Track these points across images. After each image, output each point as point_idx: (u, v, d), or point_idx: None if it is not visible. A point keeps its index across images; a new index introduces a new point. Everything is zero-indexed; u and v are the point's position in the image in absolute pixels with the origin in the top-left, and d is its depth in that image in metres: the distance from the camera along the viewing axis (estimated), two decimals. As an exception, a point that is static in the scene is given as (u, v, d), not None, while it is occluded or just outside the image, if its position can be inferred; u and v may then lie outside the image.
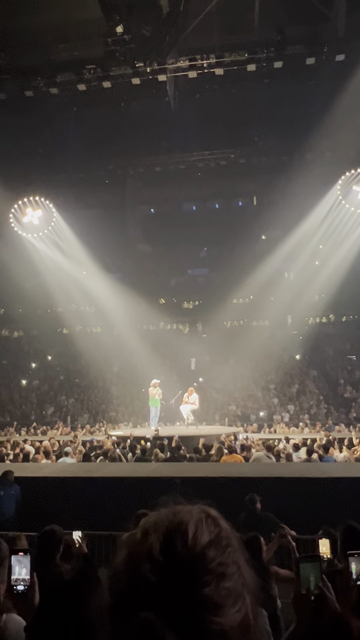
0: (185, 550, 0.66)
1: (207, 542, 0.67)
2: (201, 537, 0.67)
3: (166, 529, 0.68)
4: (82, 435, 16.78)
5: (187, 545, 0.66)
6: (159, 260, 30.41)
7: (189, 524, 0.68)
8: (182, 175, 25.95)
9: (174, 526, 0.68)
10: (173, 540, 0.67)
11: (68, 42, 18.77)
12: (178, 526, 0.68)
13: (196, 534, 0.67)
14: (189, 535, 0.67)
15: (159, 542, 0.66)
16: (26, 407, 26.08)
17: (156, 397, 16.39)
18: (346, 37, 17.53)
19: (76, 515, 5.24)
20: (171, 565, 0.64)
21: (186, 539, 0.67)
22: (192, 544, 0.66)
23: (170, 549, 0.66)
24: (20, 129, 21.35)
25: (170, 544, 0.66)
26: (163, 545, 0.66)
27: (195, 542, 0.67)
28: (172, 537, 0.67)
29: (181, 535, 0.67)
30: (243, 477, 7.63)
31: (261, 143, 24.10)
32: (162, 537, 0.67)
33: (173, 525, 0.69)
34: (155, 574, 0.63)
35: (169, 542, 0.66)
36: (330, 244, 25.12)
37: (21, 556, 1.89)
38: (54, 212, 24.80)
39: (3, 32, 16.79)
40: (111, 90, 19.30)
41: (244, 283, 25.37)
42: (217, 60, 18.04)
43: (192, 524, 0.69)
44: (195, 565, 0.65)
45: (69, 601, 1.54)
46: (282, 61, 18.04)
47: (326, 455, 10.53)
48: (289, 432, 17.11)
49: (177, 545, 0.66)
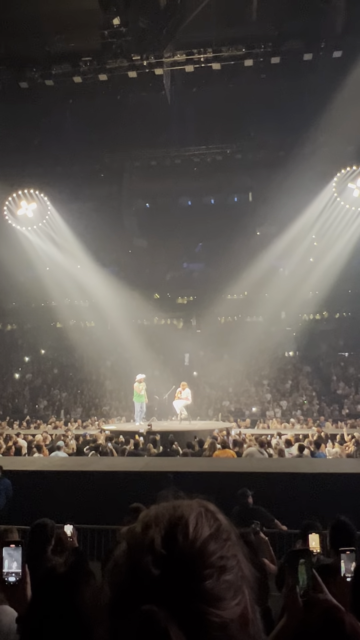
0: (187, 543, 0.66)
1: (208, 535, 0.68)
2: (202, 531, 0.68)
3: (167, 523, 0.68)
4: (75, 430, 16.77)
5: (188, 539, 0.66)
6: (154, 255, 30.34)
7: (190, 518, 0.69)
8: (178, 169, 25.86)
9: (175, 520, 0.69)
10: (174, 533, 0.67)
11: (64, 34, 18.54)
12: (179, 520, 0.69)
13: (197, 527, 0.68)
14: (190, 529, 0.67)
15: (161, 536, 0.66)
16: (19, 401, 26.01)
17: (141, 392, 16.00)
18: (344, 33, 17.47)
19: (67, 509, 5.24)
20: (173, 558, 0.64)
21: (187, 533, 0.67)
22: (193, 538, 0.67)
23: (172, 542, 0.66)
24: (14, 121, 21.12)
25: (172, 537, 0.66)
26: (164, 538, 0.66)
27: (196, 535, 0.67)
28: (173, 530, 0.67)
29: (182, 529, 0.67)
30: (235, 471, 7.66)
31: (258, 139, 24.03)
32: (164, 531, 0.67)
33: (174, 518, 0.69)
34: (157, 567, 0.64)
35: (171, 535, 0.67)
36: (325, 240, 25.17)
37: (12, 548, 1.88)
38: (48, 205, 24.64)
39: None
40: (107, 83, 19.14)
41: (239, 279, 25.39)
42: (214, 55, 17.92)
43: (193, 517, 0.69)
44: (196, 559, 0.65)
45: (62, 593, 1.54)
46: (279, 56, 17.97)
47: (318, 451, 10.61)
48: (281, 428, 17.21)
49: (178, 538, 0.66)
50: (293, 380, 25.74)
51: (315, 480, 7.29)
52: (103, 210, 27.35)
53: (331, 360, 27.20)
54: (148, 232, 30.15)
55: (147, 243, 30.58)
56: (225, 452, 9.84)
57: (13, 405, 25.46)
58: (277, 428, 17.25)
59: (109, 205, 27.95)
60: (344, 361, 27.03)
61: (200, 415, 20.23)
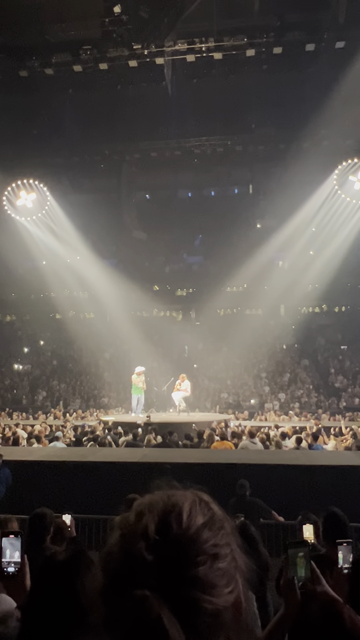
0: (180, 530, 0.67)
1: (201, 523, 0.68)
2: (195, 519, 0.69)
3: (161, 510, 0.69)
4: (74, 420, 16.79)
5: (182, 526, 0.67)
6: (154, 247, 30.25)
7: (184, 506, 0.70)
8: (178, 161, 25.72)
9: (169, 507, 0.69)
10: (168, 520, 0.68)
11: (64, 22, 18.35)
12: (173, 507, 0.69)
13: (190, 515, 0.69)
14: (184, 517, 0.68)
15: (154, 523, 0.67)
16: (18, 392, 26.06)
17: (139, 385, 15.81)
18: (347, 24, 17.30)
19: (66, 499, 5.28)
20: (166, 545, 0.65)
21: (181, 520, 0.68)
22: (187, 525, 0.67)
23: (166, 529, 0.67)
24: (14, 110, 20.96)
25: (166, 524, 0.67)
26: (158, 525, 0.67)
27: (190, 523, 0.68)
28: (167, 517, 0.68)
29: (176, 516, 0.68)
30: (233, 463, 7.70)
31: (258, 130, 23.87)
32: (157, 518, 0.68)
33: (168, 506, 0.70)
34: (150, 553, 0.64)
35: (164, 522, 0.67)
36: (325, 234, 25.10)
37: (12, 538, 1.89)
38: (48, 195, 24.50)
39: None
40: (107, 73, 18.98)
41: (238, 271, 25.34)
42: (215, 45, 17.77)
43: (187, 506, 0.70)
44: (189, 545, 0.66)
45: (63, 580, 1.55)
46: (281, 47, 17.81)
47: (315, 444, 10.66)
48: (279, 420, 17.27)
49: (172, 525, 0.67)
50: (291, 373, 25.79)
51: (313, 473, 7.33)
52: (102, 202, 27.22)
53: (330, 353, 27.25)
54: (147, 224, 30.03)
55: (146, 235, 30.46)
56: (223, 443, 9.89)
57: (12, 396, 25.52)
58: (274, 420, 17.31)
59: (109, 197, 27.81)
60: (342, 354, 27.08)
61: (199, 407, 20.29)
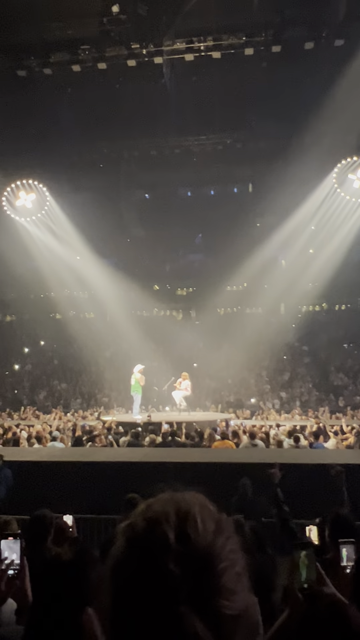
0: (198, 538, 0.66)
1: (214, 530, 0.68)
2: (208, 525, 0.68)
3: (176, 518, 0.68)
4: (74, 420, 16.79)
5: (199, 534, 0.66)
6: (154, 246, 30.23)
7: (195, 512, 0.69)
8: (178, 159, 25.67)
9: (182, 514, 0.68)
10: (185, 529, 0.66)
11: (62, 21, 18.29)
12: (186, 515, 0.68)
13: (204, 521, 0.68)
14: (199, 524, 0.67)
15: (174, 532, 0.66)
16: (19, 392, 26.07)
17: (142, 383, 15.84)
18: (346, 21, 17.24)
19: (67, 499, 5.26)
20: (190, 556, 0.64)
21: (197, 528, 0.67)
22: (203, 532, 0.67)
23: (185, 539, 0.66)
24: (12, 110, 20.91)
25: (184, 533, 0.66)
26: (177, 534, 0.66)
27: (205, 529, 0.67)
28: (183, 526, 0.67)
29: (192, 524, 0.67)
30: (234, 462, 7.69)
31: (258, 128, 23.82)
32: (174, 526, 0.67)
33: (181, 513, 0.68)
34: (176, 565, 0.63)
35: (182, 531, 0.66)
36: (325, 232, 25.08)
37: (11, 541, 1.89)
38: (47, 195, 24.50)
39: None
40: (106, 72, 18.93)
41: (239, 270, 25.32)
42: (214, 43, 17.72)
43: (197, 512, 0.69)
44: (211, 554, 0.65)
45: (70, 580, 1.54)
46: (280, 45, 17.76)
47: (316, 442, 10.65)
48: (280, 419, 17.24)
49: (190, 534, 0.66)
50: (292, 372, 25.78)
51: (315, 471, 7.31)
52: (102, 201, 27.18)
53: (331, 351, 27.24)
54: (147, 222, 30.01)
55: (146, 234, 30.44)
56: (224, 442, 9.88)
57: (12, 396, 25.53)
58: (275, 419, 17.29)
59: (108, 196, 27.78)
60: (343, 353, 27.07)
61: (200, 406, 20.29)
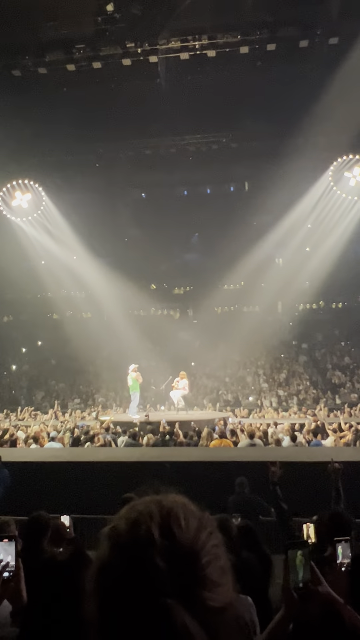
0: (182, 534, 0.68)
1: (197, 526, 0.70)
2: (191, 522, 0.70)
3: (160, 516, 0.70)
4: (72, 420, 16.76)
5: (183, 530, 0.69)
6: (150, 245, 30.20)
7: (178, 510, 0.71)
8: (173, 159, 25.64)
9: (165, 512, 0.70)
10: (169, 525, 0.69)
11: (56, 20, 18.24)
12: (169, 512, 0.71)
13: (186, 518, 0.70)
14: (182, 521, 0.70)
15: (158, 528, 0.68)
16: (16, 392, 26.03)
17: (139, 380, 15.80)
18: (340, 19, 17.25)
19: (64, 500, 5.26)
20: (175, 550, 0.66)
21: (180, 524, 0.69)
22: (186, 529, 0.69)
23: (170, 534, 0.68)
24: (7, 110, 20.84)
25: (168, 530, 0.68)
26: (162, 530, 0.68)
27: (188, 526, 0.69)
28: (167, 522, 0.69)
29: (175, 521, 0.69)
30: (232, 461, 7.69)
31: (254, 127, 23.81)
32: (159, 524, 0.69)
33: (164, 511, 0.71)
34: (161, 559, 0.65)
35: (166, 527, 0.68)
36: (321, 230, 25.12)
37: (6, 543, 1.89)
38: (43, 195, 24.46)
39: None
40: (101, 71, 18.89)
41: (235, 269, 25.33)
42: (209, 42, 17.70)
43: (180, 510, 0.71)
44: (195, 548, 0.68)
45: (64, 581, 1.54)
46: (275, 43, 17.76)
47: (314, 440, 10.67)
48: (277, 417, 17.25)
49: (174, 530, 0.68)
50: (289, 370, 25.83)
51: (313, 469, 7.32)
52: (98, 201, 27.17)
53: (327, 349, 27.30)
54: (144, 222, 29.97)
55: (142, 233, 30.40)
56: (222, 441, 9.88)
57: (10, 396, 25.48)
58: (273, 417, 17.30)
59: (104, 196, 27.77)
60: (340, 350, 27.13)
61: (197, 405, 20.30)
